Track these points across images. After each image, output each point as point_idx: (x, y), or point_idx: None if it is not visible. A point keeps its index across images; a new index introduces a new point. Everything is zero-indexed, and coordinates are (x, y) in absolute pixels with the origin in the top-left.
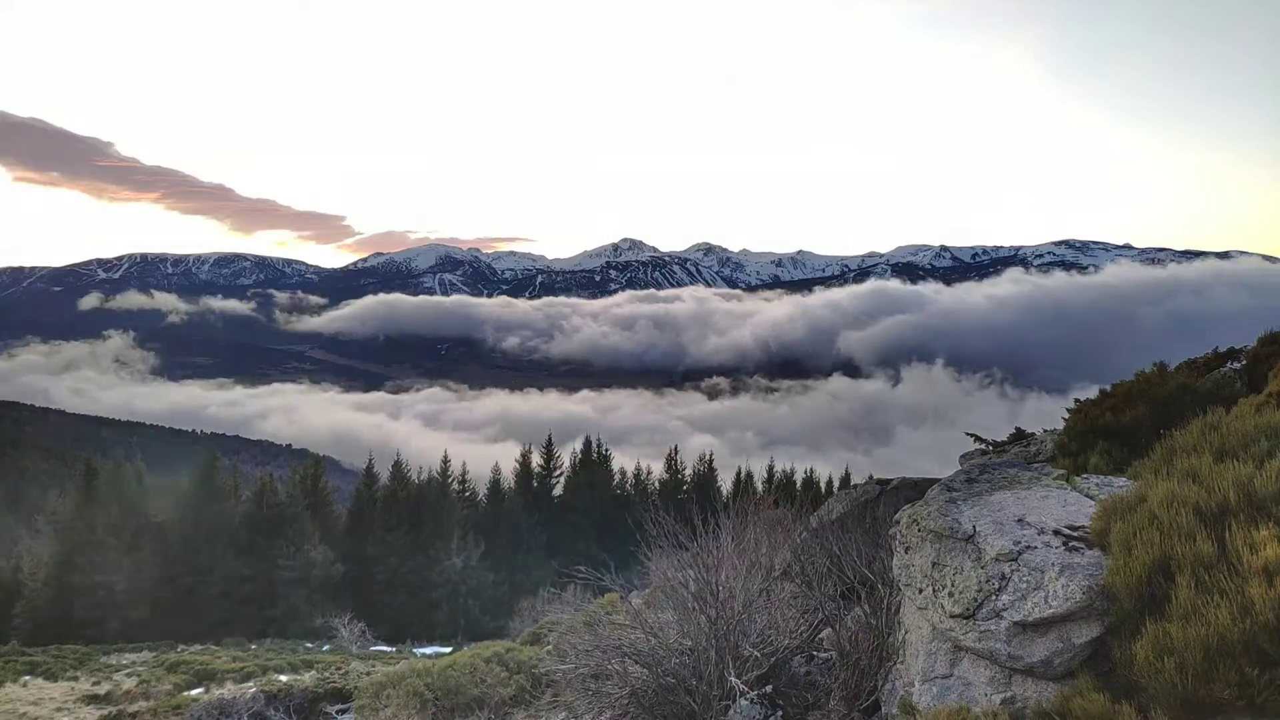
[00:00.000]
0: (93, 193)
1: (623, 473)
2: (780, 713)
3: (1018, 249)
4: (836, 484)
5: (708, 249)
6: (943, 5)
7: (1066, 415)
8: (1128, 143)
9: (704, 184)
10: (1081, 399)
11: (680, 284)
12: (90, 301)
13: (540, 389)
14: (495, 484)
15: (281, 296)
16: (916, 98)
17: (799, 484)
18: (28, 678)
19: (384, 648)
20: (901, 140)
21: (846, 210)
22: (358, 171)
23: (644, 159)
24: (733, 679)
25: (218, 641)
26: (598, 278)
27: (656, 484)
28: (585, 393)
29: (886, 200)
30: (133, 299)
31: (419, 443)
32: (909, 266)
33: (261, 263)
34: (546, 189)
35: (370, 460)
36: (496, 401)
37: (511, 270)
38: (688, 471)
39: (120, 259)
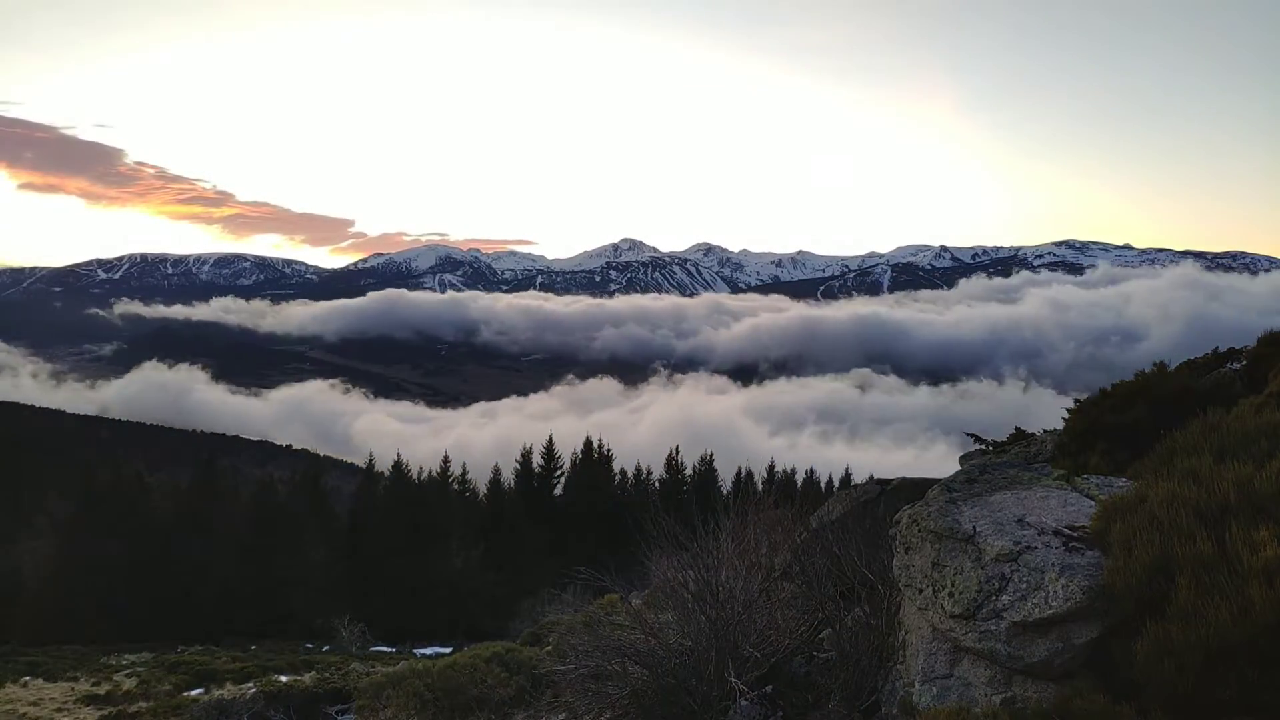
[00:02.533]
0: (93, 198)
1: (623, 473)
2: (780, 713)
3: (1018, 249)
4: (836, 484)
5: (708, 249)
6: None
7: (1066, 415)
8: (1128, 142)
9: (704, 184)
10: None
11: (680, 284)
12: (91, 302)
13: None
14: (495, 484)
15: (282, 297)
16: (917, 95)
17: (799, 484)
18: (28, 678)
19: (384, 648)
20: (902, 138)
21: (846, 210)
22: (358, 173)
23: (644, 159)
24: (733, 679)
25: (218, 641)
26: (598, 278)
27: (657, 484)
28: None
29: (886, 200)
30: (132, 299)
31: (422, 442)
32: (909, 266)
33: (262, 263)
34: (546, 189)
35: (370, 460)
36: None
37: (511, 270)
38: (688, 472)
39: (120, 259)
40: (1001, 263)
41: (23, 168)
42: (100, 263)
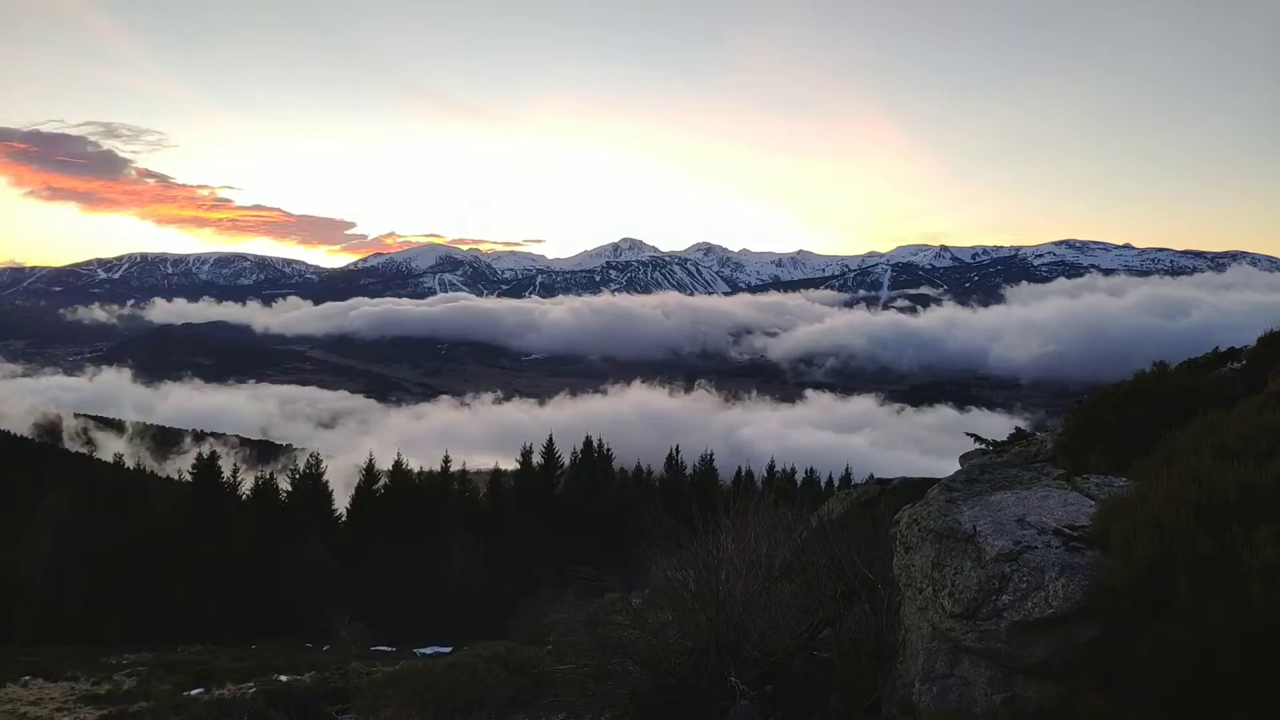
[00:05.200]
0: (92, 203)
1: (623, 472)
2: (780, 713)
3: (1018, 249)
4: (837, 484)
5: (708, 249)
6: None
7: (1068, 415)
8: (1128, 142)
9: (704, 184)
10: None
11: (680, 284)
12: (91, 302)
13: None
14: (495, 483)
15: (282, 296)
16: (918, 92)
17: (799, 484)
18: (28, 678)
19: (384, 648)
20: (903, 138)
21: (846, 210)
22: (358, 173)
23: (644, 159)
24: (733, 679)
25: (218, 641)
26: (598, 278)
27: (657, 484)
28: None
29: (886, 200)
30: (133, 299)
31: (420, 442)
32: (909, 266)
33: (262, 263)
34: (546, 190)
35: (370, 459)
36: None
37: (511, 270)
38: (688, 471)
39: (120, 259)
40: (1002, 262)
41: (28, 175)
42: (100, 262)
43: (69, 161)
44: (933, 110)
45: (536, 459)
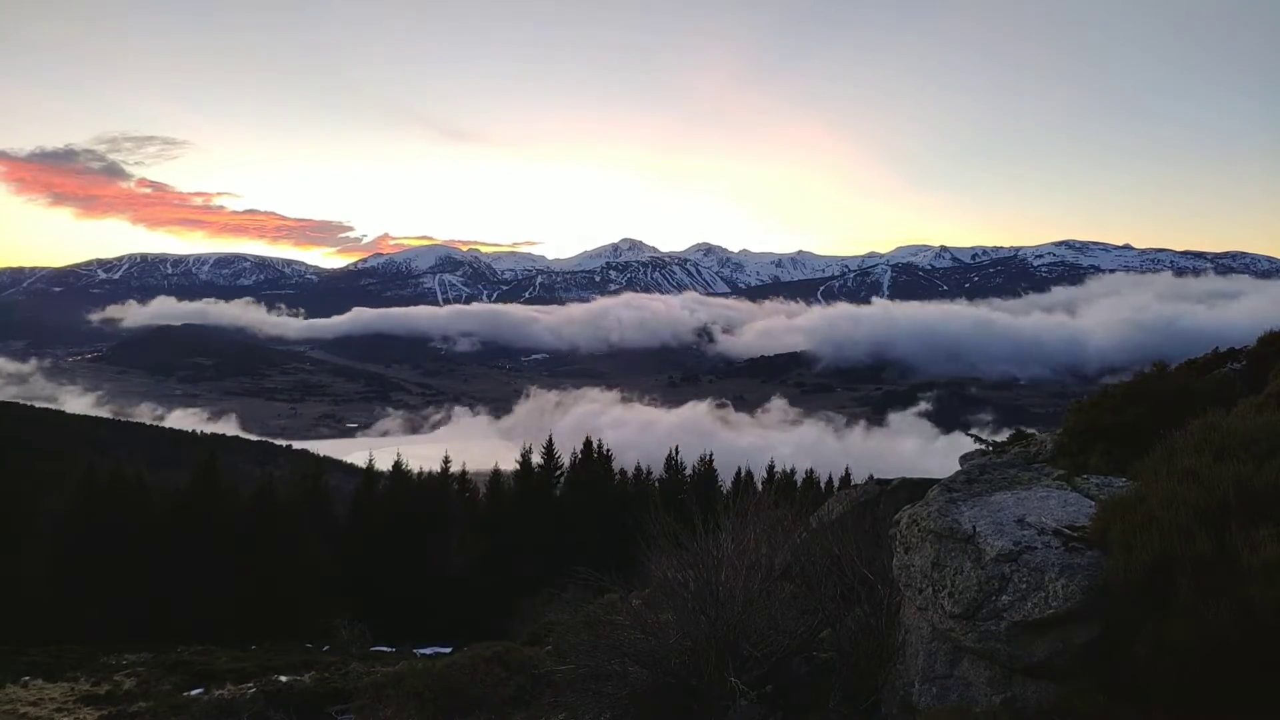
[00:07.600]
0: (90, 208)
1: (623, 472)
2: (780, 713)
3: (1017, 250)
4: (836, 484)
5: (708, 249)
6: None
7: (1068, 415)
8: (1128, 142)
9: (704, 184)
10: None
11: (680, 285)
12: (91, 302)
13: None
14: (495, 483)
15: (282, 297)
16: (919, 94)
17: (799, 484)
18: (28, 678)
19: (384, 648)
20: (903, 137)
21: (846, 210)
22: (357, 174)
23: (644, 159)
24: (733, 679)
25: (218, 641)
26: (597, 278)
27: (657, 484)
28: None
29: (886, 200)
30: (133, 299)
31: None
32: (909, 267)
33: (261, 263)
34: (546, 190)
35: (370, 459)
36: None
37: (511, 271)
38: (687, 471)
39: (120, 259)
40: (1002, 263)
41: (30, 181)
42: (100, 263)
43: (73, 173)
44: (931, 113)
45: (536, 459)
